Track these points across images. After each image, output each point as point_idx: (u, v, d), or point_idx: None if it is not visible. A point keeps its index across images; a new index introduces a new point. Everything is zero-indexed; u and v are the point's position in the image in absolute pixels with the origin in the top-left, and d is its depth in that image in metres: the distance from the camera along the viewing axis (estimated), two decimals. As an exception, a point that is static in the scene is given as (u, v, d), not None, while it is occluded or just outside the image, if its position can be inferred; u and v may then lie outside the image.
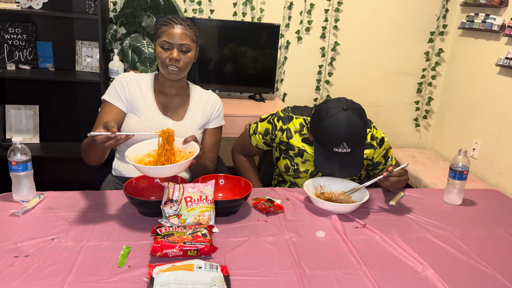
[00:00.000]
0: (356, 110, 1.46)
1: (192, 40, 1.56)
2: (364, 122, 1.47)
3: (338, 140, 1.43)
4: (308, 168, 1.68)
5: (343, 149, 1.45)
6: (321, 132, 1.47)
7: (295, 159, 1.68)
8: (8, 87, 2.79)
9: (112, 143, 1.22)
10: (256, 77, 2.96)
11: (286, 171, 1.71)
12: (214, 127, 1.70)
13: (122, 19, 2.74)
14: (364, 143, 1.51)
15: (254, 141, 1.77)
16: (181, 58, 1.53)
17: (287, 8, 3.01)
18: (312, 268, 1.11)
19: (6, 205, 1.33)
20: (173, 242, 1.11)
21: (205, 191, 1.30)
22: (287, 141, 1.67)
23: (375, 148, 1.65)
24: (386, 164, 1.71)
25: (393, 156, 1.74)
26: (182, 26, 1.53)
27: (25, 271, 1.02)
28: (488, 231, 1.40)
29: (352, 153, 1.47)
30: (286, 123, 1.67)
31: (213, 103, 1.69)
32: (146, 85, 1.62)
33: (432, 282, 1.09)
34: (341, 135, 1.42)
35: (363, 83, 3.28)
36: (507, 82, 2.67)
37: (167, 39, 1.51)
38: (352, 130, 1.43)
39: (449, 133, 3.27)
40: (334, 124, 1.43)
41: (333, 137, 1.44)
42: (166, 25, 1.54)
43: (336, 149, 1.45)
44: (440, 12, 3.19)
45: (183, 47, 1.52)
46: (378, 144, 1.65)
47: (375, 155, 1.67)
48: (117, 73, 2.65)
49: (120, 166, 1.64)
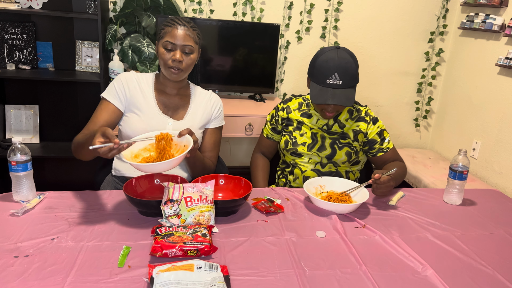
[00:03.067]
0: (348, 51, 1.64)
1: (195, 42, 1.55)
2: (354, 60, 1.63)
3: (331, 70, 1.58)
4: (305, 141, 1.76)
5: (335, 80, 1.58)
6: (316, 67, 1.63)
7: (293, 133, 1.79)
8: (8, 87, 2.79)
9: (115, 153, 1.22)
10: (256, 77, 2.96)
11: (286, 146, 1.80)
12: (214, 127, 1.70)
13: (122, 19, 2.74)
14: (354, 80, 1.62)
15: (265, 132, 1.90)
16: (184, 59, 1.52)
17: (287, 8, 3.01)
18: (312, 268, 1.11)
19: (6, 205, 1.34)
20: (173, 242, 1.11)
21: (205, 191, 1.30)
22: (286, 116, 1.82)
23: (368, 123, 1.74)
24: (382, 145, 1.74)
25: (390, 140, 1.77)
26: (186, 28, 1.52)
27: (25, 271, 1.02)
28: (488, 231, 1.40)
29: (344, 87, 1.59)
30: (286, 103, 1.85)
31: (213, 103, 1.69)
32: (147, 84, 1.62)
33: (432, 282, 1.09)
34: (334, 66, 1.58)
35: (363, 83, 3.28)
36: (507, 82, 2.67)
37: (170, 40, 1.51)
38: (342, 62, 1.59)
39: (449, 133, 3.27)
40: (327, 57, 1.61)
41: (326, 69, 1.59)
42: (170, 25, 1.53)
43: (328, 80, 1.59)
44: (440, 12, 3.19)
45: (186, 49, 1.52)
46: (371, 120, 1.75)
47: (369, 130, 1.73)
48: (117, 73, 2.65)
49: (120, 166, 1.64)
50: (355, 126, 1.74)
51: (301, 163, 1.78)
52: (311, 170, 1.76)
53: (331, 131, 1.75)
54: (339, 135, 1.74)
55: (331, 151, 1.73)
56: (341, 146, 1.73)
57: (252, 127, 2.67)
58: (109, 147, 1.19)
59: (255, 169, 1.92)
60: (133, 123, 1.57)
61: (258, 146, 1.97)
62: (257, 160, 1.94)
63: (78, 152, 1.47)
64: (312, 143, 1.75)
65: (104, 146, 1.19)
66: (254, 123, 2.66)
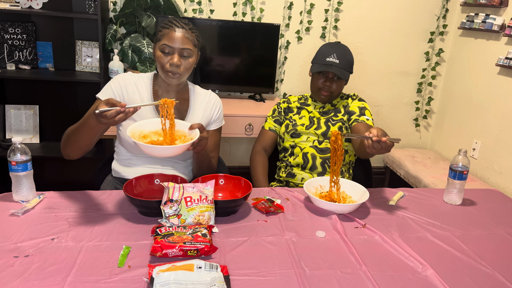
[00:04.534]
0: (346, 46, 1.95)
1: (194, 44, 1.51)
2: (351, 53, 1.94)
3: (330, 51, 1.88)
4: (303, 123, 1.96)
5: (334, 58, 1.86)
6: (318, 51, 1.93)
7: (293, 117, 2.00)
8: (8, 87, 2.79)
9: (122, 117, 1.22)
10: (256, 77, 2.96)
11: (286, 129, 1.96)
12: (214, 128, 1.69)
13: (122, 19, 2.74)
14: (349, 65, 1.90)
15: (267, 126, 2.04)
16: (182, 63, 1.48)
17: (287, 8, 3.01)
18: (312, 268, 1.11)
19: (6, 205, 1.34)
20: (173, 242, 1.11)
21: (205, 191, 1.30)
22: (287, 106, 2.05)
23: (354, 99, 1.97)
24: (359, 117, 1.88)
25: (371, 117, 1.91)
26: (184, 30, 1.47)
27: (25, 271, 1.02)
28: (488, 231, 1.40)
29: (340, 66, 1.86)
30: (286, 97, 2.10)
31: (213, 105, 1.67)
32: (145, 86, 1.60)
33: (432, 282, 1.09)
34: (332, 48, 1.90)
35: (363, 83, 3.28)
36: (507, 82, 2.67)
37: (168, 43, 1.46)
38: (341, 48, 1.91)
39: (449, 133, 3.27)
40: (328, 45, 1.95)
41: (326, 50, 1.90)
42: (167, 27, 1.48)
43: (328, 58, 1.86)
44: (440, 12, 3.19)
45: (184, 52, 1.48)
46: (357, 99, 1.97)
47: (351, 104, 1.95)
48: (117, 73, 2.65)
49: (119, 168, 1.64)
50: (344, 102, 1.98)
51: (300, 142, 1.93)
52: (310, 147, 1.90)
53: (325, 111, 1.97)
54: (333, 113, 1.95)
55: (326, 128, 1.91)
56: (334, 123, 1.92)
57: (252, 127, 2.67)
58: (116, 111, 1.20)
59: (255, 165, 1.97)
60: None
61: (258, 142, 2.05)
62: (257, 156, 2.00)
63: (70, 144, 1.44)
64: (309, 124, 1.95)
65: (112, 109, 1.20)
66: (254, 123, 2.66)
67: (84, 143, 1.43)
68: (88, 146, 1.46)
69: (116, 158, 1.66)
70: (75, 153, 1.48)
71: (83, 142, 1.42)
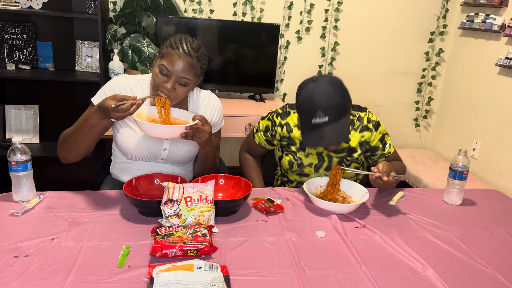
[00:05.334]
0: (328, 79, 1.48)
1: (196, 74, 1.41)
2: (337, 89, 1.47)
3: (312, 109, 1.45)
4: (312, 162, 1.67)
5: (321, 117, 1.45)
6: (298, 107, 1.52)
7: (297, 153, 1.67)
8: (8, 87, 2.79)
9: (135, 108, 1.26)
10: (256, 77, 2.96)
11: (290, 167, 1.69)
12: (214, 131, 1.64)
13: (122, 19, 2.74)
14: (341, 111, 1.48)
15: (257, 139, 1.78)
16: (176, 89, 1.40)
17: (287, 8, 3.01)
18: (312, 268, 1.11)
19: (6, 205, 1.33)
20: (173, 242, 1.11)
21: (205, 191, 1.30)
22: (288, 135, 1.68)
23: (372, 131, 1.65)
24: (384, 150, 1.68)
25: (391, 144, 1.71)
26: (190, 58, 1.37)
27: (25, 271, 1.02)
28: (488, 231, 1.40)
29: (332, 122, 1.46)
30: (284, 118, 1.69)
31: (212, 107, 1.61)
32: (142, 91, 1.52)
33: (432, 282, 1.09)
34: (314, 104, 1.44)
35: (363, 83, 3.28)
36: (507, 82, 2.67)
37: (168, 66, 1.37)
38: (323, 97, 1.44)
39: (449, 133, 3.27)
40: (306, 94, 1.47)
41: (308, 108, 1.46)
42: (174, 48, 1.37)
43: (314, 120, 1.45)
44: (440, 12, 3.19)
45: (182, 81, 1.39)
46: (374, 126, 1.66)
47: (372, 138, 1.66)
48: (117, 73, 2.65)
49: (117, 172, 1.63)
50: (360, 137, 1.64)
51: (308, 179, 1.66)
52: None
53: (338, 149, 1.64)
54: (347, 152, 1.65)
55: None
56: (348, 164, 1.66)
57: (252, 127, 2.67)
58: (131, 103, 1.24)
59: (248, 170, 1.83)
60: (128, 137, 1.50)
61: (247, 147, 1.85)
62: (248, 161, 1.84)
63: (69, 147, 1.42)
64: (319, 163, 1.66)
65: (126, 103, 1.24)
66: (254, 123, 2.66)
67: (85, 144, 1.42)
68: (89, 147, 1.45)
69: (114, 161, 1.65)
70: (74, 156, 1.45)
71: (84, 143, 1.41)
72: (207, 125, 1.38)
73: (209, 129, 1.39)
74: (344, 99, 1.49)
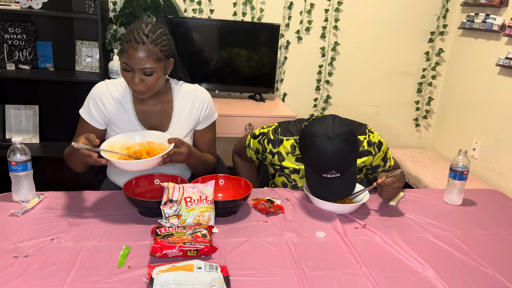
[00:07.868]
0: (343, 136, 1.37)
1: (157, 59, 1.35)
2: (351, 146, 1.39)
3: (325, 168, 1.38)
4: None
5: (332, 174, 1.39)
6: (308, 161, 1.43)
7: (291, 175, 1.62)
8: (8, 87, 2.79)
9: (92, 162, 1.25)
10: (256, 77, 2.96)
11: (284, 186, 1.65)
12: (205, 126, 1.60)
13: (122, 19, 2.73)
14: (352, 164, 1.43)
15: (249, 154, 1.72)
16: (145, 80, 1.37)
17: (287, 8, 3.01)
18: (312, 269, 1.11)
19: (5, 205, 1.33)
20: (173, 243, 1.11)
21: (205, 192, 1.30)
22: (279, 163, 1.61)
23: (374, 154, 1.58)
24: (385, 166, 1.65)
25: (391, 156, 1.69)
26: (144, 47, 1.32)
27: (25, 271, 1.02)
28: (488, 231, 1.40)
29: (342, 174, 1.41)
30: (276, 146, 1.60)
31: (199, 103, 1.55)
32: (125, 95, 1.50)
33: (432, 282, 1.09)
34: (328, 165, 1.36)
35: (363, 83, 3.28)
36: (507, 82, 2.67)
37: (127, 62, 1.34)
38: (339, 158, 1.36)
39: (449, 133, 3.27)
40: (319, 155, 1.36)
41: (320, 166, 1.38)
42: (127, 42, 1.34)
43: (325, 175, 1.40)
44: (440, 12, 3.19)
45: (146, 71, 1.35)
46: (377, 148, 1.59)
47: (374, 159, 1.60)
48: (117, 73, 2.65)
49: (113, 176, 1.64)
50: (360, 163, 1.57)
51: None
52: None
53: None
54: None
55: None
56: None
57: (252, 127, 2.67)
58: (88, 154, 1.24)
59: (243, 172, 1.80)
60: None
61: (239, 152, 1.79)
62: (242, 164, 1.81)
63: (70, 164, 1.48)
64: None
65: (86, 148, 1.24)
66: (254, 123, 2.66)
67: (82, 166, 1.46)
68: (88, 167, 1.47)
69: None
70: (79, 170, 1.50)
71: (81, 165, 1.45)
72: (183, 147, 1.38)
73: (186, 150, 1.39)
74: (357, 152, 1.43)
